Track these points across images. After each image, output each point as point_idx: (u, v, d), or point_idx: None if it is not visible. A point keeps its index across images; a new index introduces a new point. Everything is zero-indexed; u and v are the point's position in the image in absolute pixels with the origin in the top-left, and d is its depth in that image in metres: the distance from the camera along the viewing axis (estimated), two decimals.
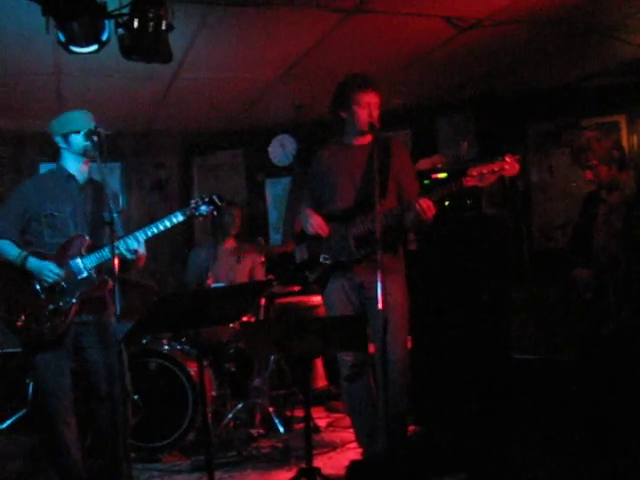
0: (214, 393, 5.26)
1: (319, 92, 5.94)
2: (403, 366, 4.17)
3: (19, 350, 5.06)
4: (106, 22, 3.64)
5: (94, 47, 3.65)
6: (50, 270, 3.86)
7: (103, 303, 4.05)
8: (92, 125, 3.92)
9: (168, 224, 3.97)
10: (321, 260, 4.26)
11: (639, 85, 6.14)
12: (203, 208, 4.02)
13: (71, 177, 4.04)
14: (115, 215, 3.60)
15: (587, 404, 4.36)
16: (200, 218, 4.09)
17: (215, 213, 4.07)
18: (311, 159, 4.55)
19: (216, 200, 4.04)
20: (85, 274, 3.91)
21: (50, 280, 3.87)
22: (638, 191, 4.25)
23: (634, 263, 4.12)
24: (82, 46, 3.64)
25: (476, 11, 4.45)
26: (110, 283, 4.02)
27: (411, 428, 4.73)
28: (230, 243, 6.17)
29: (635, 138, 6.40)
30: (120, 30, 3.67)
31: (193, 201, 4.05)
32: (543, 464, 4.08)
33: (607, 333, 4.24)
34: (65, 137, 4.00)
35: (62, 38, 3.61)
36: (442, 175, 5.72)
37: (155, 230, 3.96)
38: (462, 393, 5.18)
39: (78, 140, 3.96)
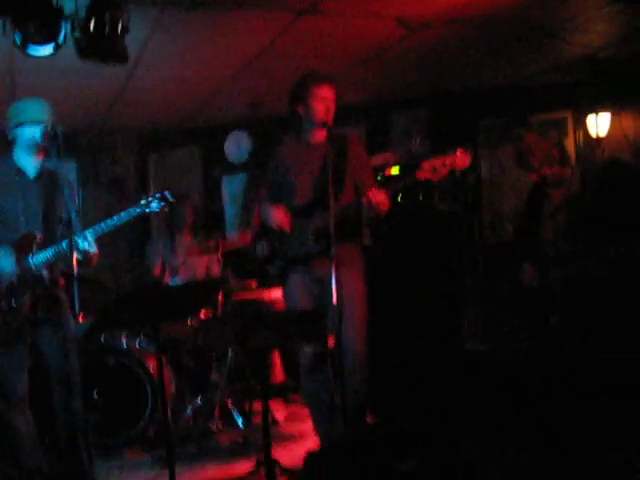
0: (173, 389, 5.30)
1: (273, 90, 6.01)
2: (361, 358, 4.20)
3: None
4: (62, 24, 3.67)
5: (50, 49, 3.68)
6: (7, 265, 3.78)
7: (57, 301, 4.00)
8: (43, 116, 3.79)
9: (118, 222, 3.85)
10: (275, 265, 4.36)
11: (584, 82, 6.34)
12: (154, 205, 3.88)
13: (20, 171, 3.92)
14: (73, 214, 3.56)
15: (537, 394, 4.50)
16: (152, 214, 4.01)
17: (167, 210, 3.97)
18: (266, 156, 4.59)
19: (167, 196, 3.91)
20: (35, 272, 3.84)
21: (4, 275, 3.78)
22: (583, 188, 4.39)
23: (581, 259, 4.26)
24: (38, 48, 3.66)
25: (426, 12, 4.57)
26: (62, 281, 3.99)
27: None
28: (186, 238, 6.14)
29: (581, 133, 6.60)
30: (76, 33, 3.71)
31: (144, 199, 3.91)
32: (494, 452, 4.20)
33: (555, 324, 4.38)
34: (10, 130, 3.88)
35: (18, 41, 3.63)
36: (394, 170, 5.82)
37: (105, 228, 3.84)
38: (416, 383, 5.29)
39: (21, 133, 3.83)
